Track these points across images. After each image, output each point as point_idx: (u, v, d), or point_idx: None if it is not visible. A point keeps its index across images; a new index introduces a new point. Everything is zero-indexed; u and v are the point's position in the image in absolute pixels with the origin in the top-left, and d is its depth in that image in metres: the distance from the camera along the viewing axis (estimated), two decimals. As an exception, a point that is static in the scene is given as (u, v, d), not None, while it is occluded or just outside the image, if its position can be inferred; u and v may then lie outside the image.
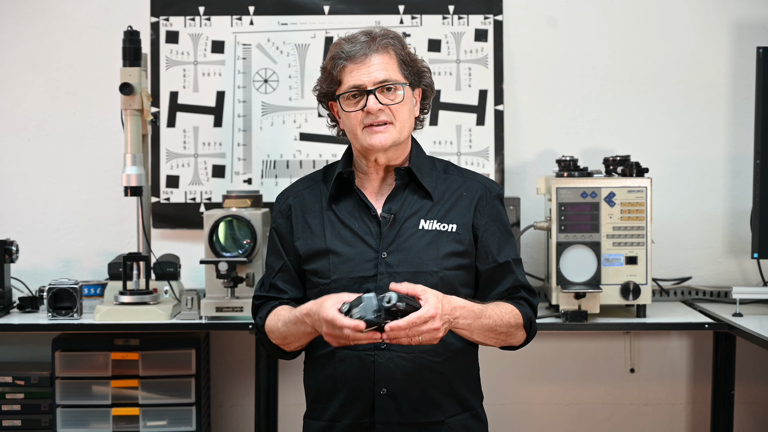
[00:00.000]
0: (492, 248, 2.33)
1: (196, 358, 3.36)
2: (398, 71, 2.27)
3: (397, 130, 2.27)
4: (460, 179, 2.38)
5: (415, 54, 2.34)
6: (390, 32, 2.31)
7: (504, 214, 2.38)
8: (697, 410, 3.75)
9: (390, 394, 2.25)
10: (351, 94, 2.26)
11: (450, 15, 3.70)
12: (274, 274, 2.37)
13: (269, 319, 2.32)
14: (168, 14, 3.71)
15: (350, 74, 2.25)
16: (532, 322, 2.36)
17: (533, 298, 2.39)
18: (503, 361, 3.68)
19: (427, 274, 2.24)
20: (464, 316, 2.16)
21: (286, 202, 2.39)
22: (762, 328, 3.11)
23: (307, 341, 2.28)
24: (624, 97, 3.72)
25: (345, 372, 2.27)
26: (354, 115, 2.26)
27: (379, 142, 2.26)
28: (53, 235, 3.75)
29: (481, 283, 2.34)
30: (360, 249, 2.26)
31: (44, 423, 3.39)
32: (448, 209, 2.32)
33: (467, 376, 2.36)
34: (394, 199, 2.32)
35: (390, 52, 2.27)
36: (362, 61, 2.24)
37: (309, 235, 2.33)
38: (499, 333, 2.27)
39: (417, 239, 2.28)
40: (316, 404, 2.35)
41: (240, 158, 3.72)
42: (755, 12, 3.69)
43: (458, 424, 2.31)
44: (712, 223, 3.73)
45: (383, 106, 2.24)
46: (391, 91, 2.26)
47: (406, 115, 2.29)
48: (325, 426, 2.31)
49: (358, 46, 2.25)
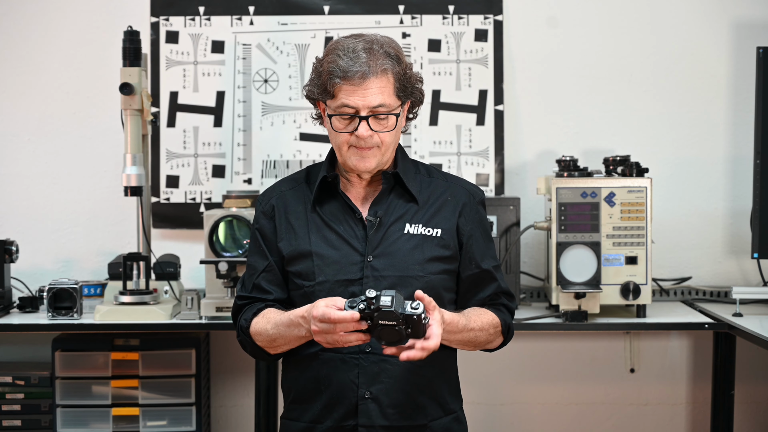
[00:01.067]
0: (476, 255, 2.34)
1: (196, 358, 3.36)
2: (393, 95, 2.23)
3: (382, 152, 2.26)
4: (444, 183, 2.38)
5: (410, 66, 2.29)
6: (390, 49, 2.23)
7: (486, 220, 2.40)
8: (697, 410, 3.75)
9: (374, 397, 2.24)
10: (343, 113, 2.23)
11: (450, 15, 3.70)
12: (258, 274, 2.34)
13: (256, 321, 2.29)
14: (168, 14, 3.71)
15: (345, 93, 2.20)
16: (510, 329, 2.38)
17: (512, 303, 2.41)
18: (504, 362, 3.68)
19: (413, 278, 2.24)
20: (448, 331, 2.17)
21: (269, 203, 2.38)
22: (762, 328, 3.11)
23: (296, 345, 2.25)
24: (624, 97, 3.72)
25: (328, 374, 2.26)
26: (342, 134, 2.25)
27: (363, 166, 2.26)
28: (53, 235, 3.75)
29: (463, 288, 2.35)
30: (345, 252, 2.25)
31: (44, 423, 3.39)
32: (433, 214, 2.32)
33: (448, 380, 2.36)
34: (380, 202, 2.31)
35: (388, 76, 2.22)
36: (359, 84, 2.19)
37: (292, 237, 2.32)
38: (477, 343, 2.31)
39: (402, 243, 2.28)
40: (295, 405, 2.33)
41: (240, 158, 3.72)
42: (755, 12, 3.69)
43: (441, 427, 2.31)
44: (712, 223, 3.73)
45: (373, 132, 2.23)
46: (384, 118, 2.23)
47: (393, 138, 2.27)
48: (306, 427, 2.30)
49: (357, 65, 2.18)
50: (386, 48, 2.23)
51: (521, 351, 3.69)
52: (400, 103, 2.26)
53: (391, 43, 2.26)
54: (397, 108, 2.24)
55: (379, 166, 2.29)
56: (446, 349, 2.30)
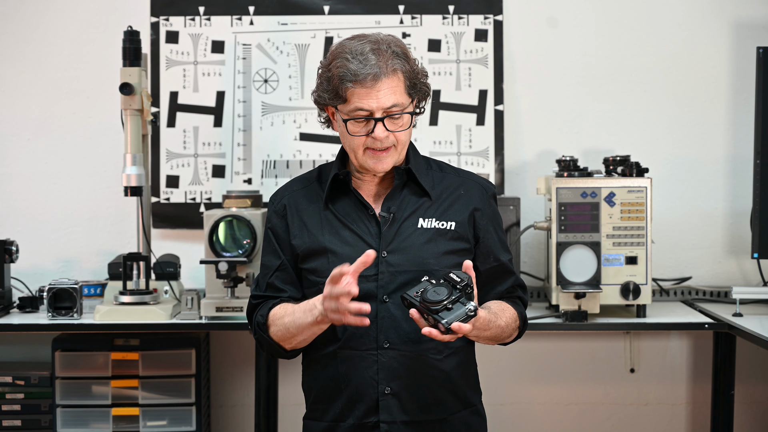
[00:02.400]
0: (494, 248, 2.36)
1: (196, 358, 3.36)
2: (405, 93, 2.24)
3: (398, 152, 2.28)
4: (457, 178, 2.39)
5: (416, 61, 2.30)
6: (396, 48, 2.24)
7: (498, 213, 2.42)
8: (697, 410, 3.75)
9: (394, 392, 2.25)
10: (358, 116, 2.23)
11: (450, 15, 3.70)
12: (272, 273, 2.35)
13: (273, 313, 2.29)
14: (168, 14, 3.71)
15: (358, 97, 2.21)
16: (525, 322, 2.41)
17: (526, 296, 2.44)
18: (503, 361, 3.68)
19: (429, 272, 2.24)
20: (479, 328, 2.18)
21: (280, 202, 2.38)
22: (762, 328, 3.11)
23: (309, 336, 2.24)
24: (624, 97, 3.72)
25: (347, 372, 2.27)
26: (358, 137, 2.25)
27: (381, 168, 2.28)
28: (53, 235, 3.75)
29: (481, 281, 2.34)
30: (360, 248, 2.25)
31: (44, 423, 3.39)
32: (447, 208, 2.33)
33: (467, 373, 2.37)
34: (393, 198, 2.32)
35: (398, 75, 2.23)
36: (372, 86, 2.19)
37: (306, 234, 2.32)
38: (500, 339, 2.32)
39: (416, 238, 2.28)
40: (317, 405, 2.34)
41: (240, 158, 3.72)
42: (755, 12, 3.69)
43: (460, 421, 2.32)
44: (712, 223, 3.73)
45: (389, 133, 2.24)
46: (398, 117, 2.24)
47: (407, 136, 2.29)
48: (328, 427, 2.31)
49: (367, 68, 2.19)
50: (393, 47, 2.24)
51: (521, 351, 3.69)
52: (411, 100, 2.27)
53: (396, 41, 2.27)
54: (409, 106, 2.26)
55: (395, 164, 2.30)
56: (465, 342, 2.32)
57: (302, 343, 2.28)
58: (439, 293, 2.07)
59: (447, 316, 2.05)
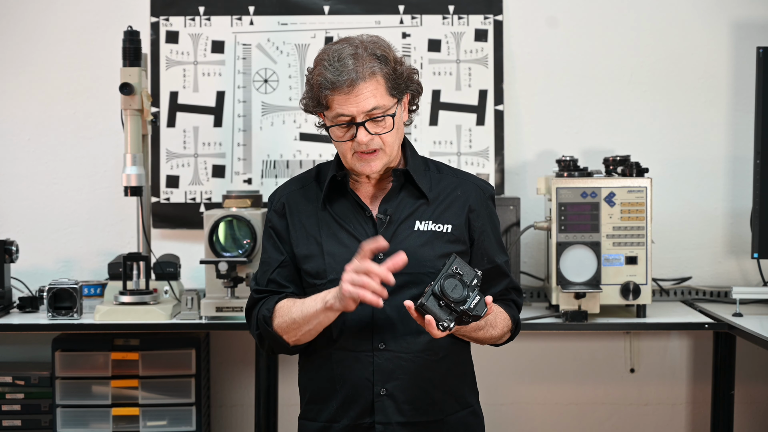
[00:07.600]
0: (489, 250, 2.36)
1: (196, 358, 3.36)
2: (386, 95, 2.22)
3: (387, 154, 2.26)
4: (454, 180, 2.38)
5: (401, 60, 2.27)
6: (376, 49, 2.22)
7: (496, 215, 2.41)
8: (697, 410, 3.75)
9: (389, 394, 2.25)
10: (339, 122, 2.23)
11: (450, 15, 3.70)
12: (273, 269, 2.34)
13: (279, 305, 2.27)
14: (168, 14, 3.71)
15: (338, 103, 2.20)
16: (518, 325, 2.41)
17: (520, 299, 2.44)
18: (503, 361, 3.68)
19: (425, 275, 2.24)
20: (472, 328, 2.20)
21: (279, 201, 2.38)
22: (762, 328, 3.11)
23: (315, 326, 2.21)
24: (624, 97, 3.73)
25: (343, 373, 2.26)
26: (344, 142, 2.25)
27: (370, 169, 2.27)
28: (53, 235, 3.75)
29: None
30: (356, 250, 2.24)
31: (44, 423, 3.39)
32: (443, 210, 2.32)
33: (463, 373, 2.37)
34: (390, 200, 2.31)
35: (377, 77, 2.21)
36: (349, 92, 2.18)
37: (304, 235, 2.32)
38: (490, 340, 2.33)
39: (413, 240, 2.28)
40: (312, 405, 2.34)
41: (240, 158, 3.72)
42: (755, 12, 3.69)
43: (457, 421, 2.32)
44: (712, 223, 3.73)
45: (373, 136, 2.23)
46: (381, 120, 2.23)
47: (395, 137, 2.27)
48: (322, 427, 2.30)
49: (344, 74, 2.18)
50: (372, 49, 2.22)
51: (521, 351, 3.69)
52: (396, 101, 2.25)
53: (377, 42, 2.25)
54: (392, 107, 2.24)
55: (386, 166, 2.30)
56: (460, 342, 2.32)
57: (305, 336, 2.25)
58: (455, 287, 2.10)
59: (471, 303, 2.11)
